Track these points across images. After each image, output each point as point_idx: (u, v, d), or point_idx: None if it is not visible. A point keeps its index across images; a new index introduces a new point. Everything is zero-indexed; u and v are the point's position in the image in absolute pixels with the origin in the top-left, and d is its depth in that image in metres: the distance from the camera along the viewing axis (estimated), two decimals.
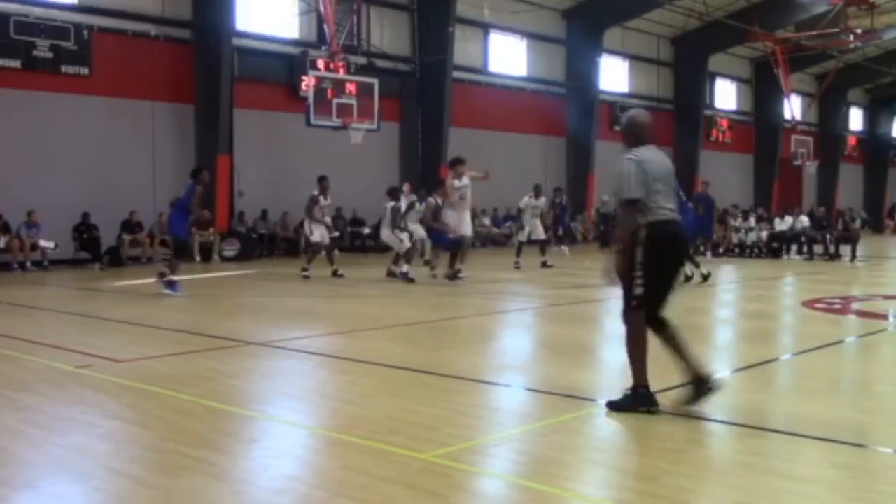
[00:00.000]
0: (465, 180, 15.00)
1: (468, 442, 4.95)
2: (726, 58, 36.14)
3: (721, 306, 12.79)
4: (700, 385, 5.50)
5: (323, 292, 13.77)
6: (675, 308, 5.85)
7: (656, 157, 5.61)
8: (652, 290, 5.48)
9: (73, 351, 7.86)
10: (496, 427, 5.39)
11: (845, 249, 21.11)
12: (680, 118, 34.40)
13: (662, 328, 5.57)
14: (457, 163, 15.22)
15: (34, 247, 17.62)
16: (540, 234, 18.32)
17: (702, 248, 21.16)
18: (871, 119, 46.65)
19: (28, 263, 17.53)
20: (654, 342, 5.66)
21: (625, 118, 5.93)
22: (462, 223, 14.89)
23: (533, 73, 29.08)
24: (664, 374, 6.75)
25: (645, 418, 5.51)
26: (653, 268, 5.45)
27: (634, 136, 5.72)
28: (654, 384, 5.52)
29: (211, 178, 20.52)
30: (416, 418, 5.41)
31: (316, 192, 15.73)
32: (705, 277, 13.95)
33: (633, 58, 32.89)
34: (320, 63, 21.01)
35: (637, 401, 5.48)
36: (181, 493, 4.10)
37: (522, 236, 18.31)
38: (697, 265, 14.07)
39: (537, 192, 18.37)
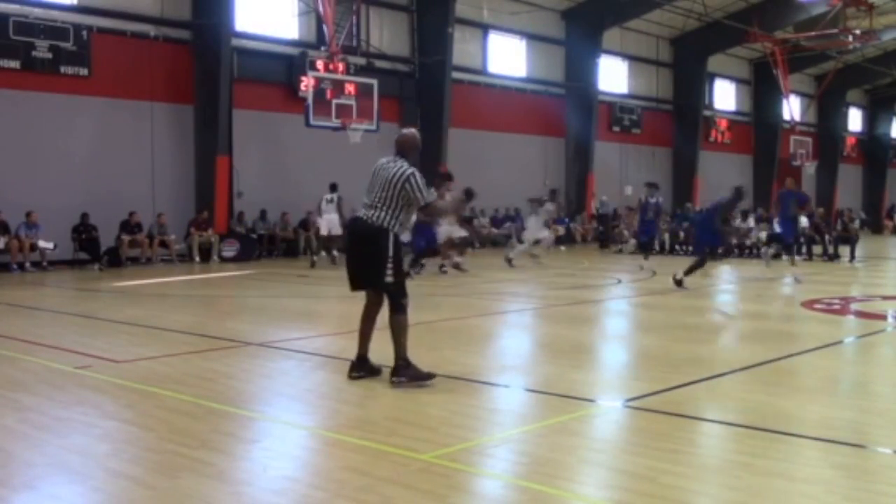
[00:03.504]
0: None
1: (467, 442, 4.95)
2: (725, 58, 36.16)
3: (720, 306, 12.79)
4: (362, 363, 6.65)
5: (322, 293, 13.77)
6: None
7: (379, 165, 6.62)
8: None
9: (72, 352, 7.86)
10: (495, 428, 5.39)
11: (844, 250, 21.13)
12: (679, 119, 34.43)
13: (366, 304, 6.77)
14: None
15: (33, 247, 17.61)
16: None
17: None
18: (870, 120, 46.67)
19: (27, 264, 17.52)
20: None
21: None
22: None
23: (532, 74, 29.08)
24: (663, 376, 6.76)
25: (644, 418, 5.52)
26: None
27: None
28: (655, 385, 5.51)
29: (210, 179, 20.77)
30: (415, 419, 5.42)
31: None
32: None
33: (633, 58, 32.91)
34: (319, 64, 20.99)
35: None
36: (180, 493, 4.10)
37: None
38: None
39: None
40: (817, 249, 21.50)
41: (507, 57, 28.43)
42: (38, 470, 4.48)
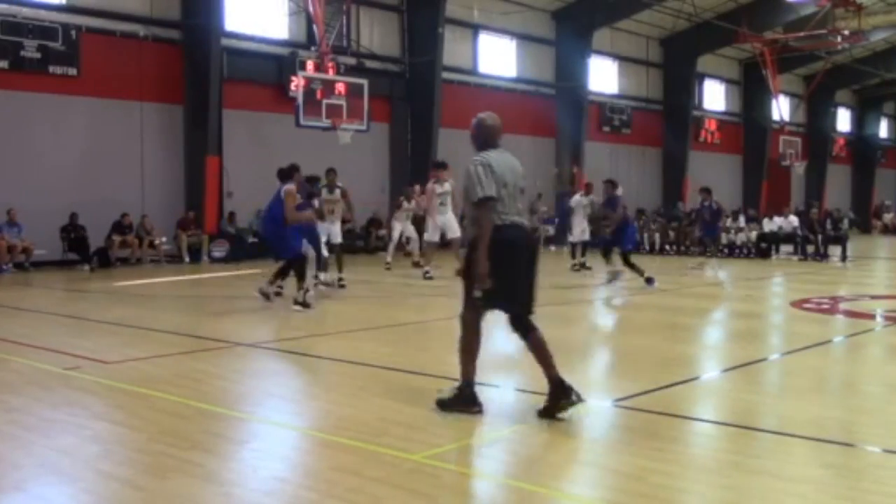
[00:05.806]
0: (447, 186, 15.27)
1: (457, 442, 4.95)
2: (715, 59, 36.25)
3: (710, 306, 12.82)
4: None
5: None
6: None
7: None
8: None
9: (61, 352, 7.81)
10: (485, 427, 5.39)
11: (834, 250, 21.24)
12: (669, 119, 34.48)
13: None
14: (438, 167, 15.58)
15: (11, 248, 17.33)
16: (586, 235, 18.11)
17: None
18: (858, 120, 46.87)
19: (5, 265, 17.11)
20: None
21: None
22: (446, 227, 15.23)
23: (522, 74, 29.09)
24: (653, 376, 6.77)
25: (634, 417, 5.52)
26: None
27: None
28: (645, 385, 5.50)
29: (199, 179, 20.70)
30: (406, 419, 5.41)
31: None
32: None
33: (623, 59, 32.96)
34: (310, 64, 20.95)
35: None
36: (170, 494, 4.08)
37: (572, 237, 18.31)
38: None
39: (588, 189, 18.62)
40: (808, 249, 21.61)
41: (498, 57, 28.41)
42: (26, 472, 4.46)
